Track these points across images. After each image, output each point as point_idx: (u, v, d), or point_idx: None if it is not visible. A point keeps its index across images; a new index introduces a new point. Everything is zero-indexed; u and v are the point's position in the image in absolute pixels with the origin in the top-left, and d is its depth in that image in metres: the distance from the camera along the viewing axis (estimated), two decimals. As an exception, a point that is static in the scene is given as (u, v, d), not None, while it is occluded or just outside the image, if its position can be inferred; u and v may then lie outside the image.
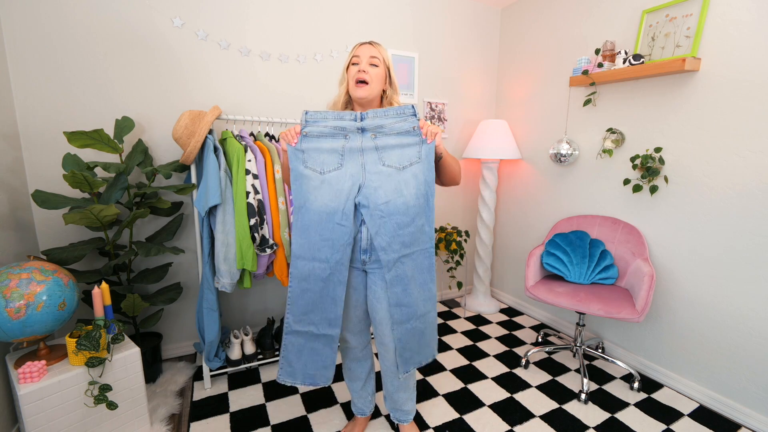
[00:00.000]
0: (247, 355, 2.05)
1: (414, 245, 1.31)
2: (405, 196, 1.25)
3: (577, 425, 1.73)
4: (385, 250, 1.27)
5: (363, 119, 1.26)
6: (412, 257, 1.31)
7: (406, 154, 1.27)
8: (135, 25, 1.92)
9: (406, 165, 1.26)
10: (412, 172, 1.27)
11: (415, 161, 1.27)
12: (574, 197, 2.47)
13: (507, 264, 3.07)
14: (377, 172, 1.26)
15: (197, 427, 1.70)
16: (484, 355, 2.31)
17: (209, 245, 1.83)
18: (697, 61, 1.78)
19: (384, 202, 1.25)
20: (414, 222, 1.28)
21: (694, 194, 1.87)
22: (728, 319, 1.78)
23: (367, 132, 1.27)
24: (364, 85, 1.30)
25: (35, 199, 1.59)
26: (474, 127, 2.97)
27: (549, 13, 2.55)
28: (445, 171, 1.38)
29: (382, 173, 1.26)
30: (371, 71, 1.30)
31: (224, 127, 2.12)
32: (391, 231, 1.26)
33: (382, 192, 1.25)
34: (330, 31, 2.39)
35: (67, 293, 1.44)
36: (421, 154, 1.28)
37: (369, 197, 1.25)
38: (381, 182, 1.25)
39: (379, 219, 1.25)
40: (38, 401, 1.34)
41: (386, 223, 1.26)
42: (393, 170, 1.26)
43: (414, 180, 1.27)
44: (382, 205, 1.25)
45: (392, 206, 1.25)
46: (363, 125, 1.26)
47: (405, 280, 1.31)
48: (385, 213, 1.25)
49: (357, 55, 1.31)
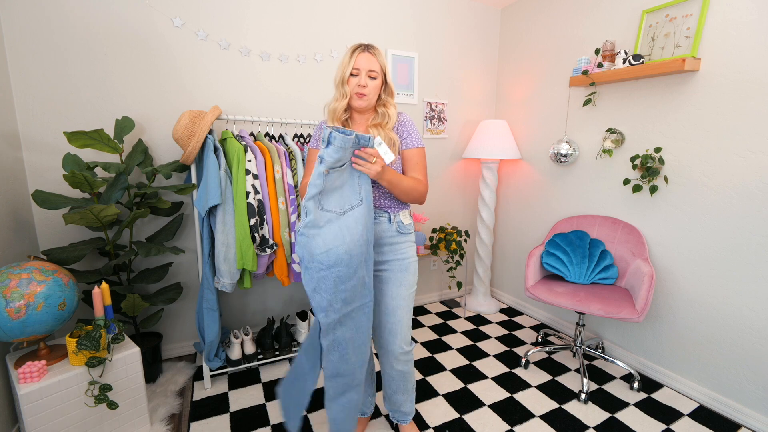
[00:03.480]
0: (247, 355, 2.05)
1: (354, 301, 1.21)
2: (347, 243, 1.16)
3: (577, 425, 1.73)
4: (326, 311, 1.18)
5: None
6: (351, 317, 1.22)
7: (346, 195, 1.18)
8: (135, 25, 1.92)
9: (347, 209, 1.19)
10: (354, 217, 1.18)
11: (356, 204, 1.19)
12: (574, 197, 2.47)
13: (507, 264, 3.07)
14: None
15: (197, 427, 1.70)
16: (484, 355, 2.31)
17: (209, 245, 1.83)
18: (697, 61, 1.78)
19: (323, 251, 1.15)
20: (356, 274, 1.18)
21: (694, 194, 1.87)
22: (728, 319, 1.78)
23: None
24: (363, 96, 1.33)
25: (35, 199, 1.59)
26: (474, 127, 2.97)
27: (549, 13, 2.55)
28: (394, 193, 1.32)
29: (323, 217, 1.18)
30: (370, 84, 1.33)
31: (224, 127, 2.12)
32: (331, 287, 1.16)
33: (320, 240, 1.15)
34: (330, 31, 2.39)
35: (67, 293, 1.44)
36: (362, 194, 1.19)
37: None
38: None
39: (317, 273, 1.16)
40: (38, 401, 1.34)
41: (326, 278, 1.16)
42: (333, 215, 1.18)
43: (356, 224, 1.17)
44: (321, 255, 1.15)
45: (332, 256, 1.14)
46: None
47: (343, 345, 1.22)
48: (324, 265, 1.15)
49: (357, 67, 1.31)
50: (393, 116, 1.38)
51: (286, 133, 2.13)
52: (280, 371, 2.12)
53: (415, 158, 1.38)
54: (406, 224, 1.41)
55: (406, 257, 1.41)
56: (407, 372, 1.50)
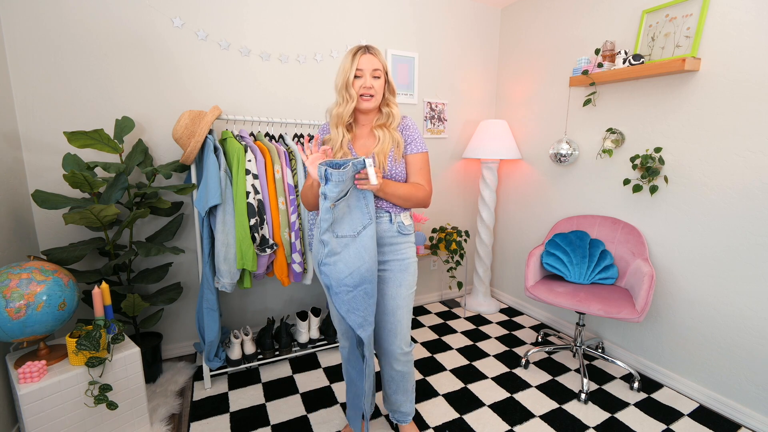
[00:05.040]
0: (247, 355, 2.05)
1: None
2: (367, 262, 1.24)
3: (577, 425, 1.73)
4: (362, 326, 1.26)
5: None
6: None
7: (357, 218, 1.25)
8: (135, 26, 1.92)
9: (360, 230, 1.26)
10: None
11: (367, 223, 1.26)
12: (574, 197, 2.47)
13: (507, 264, 3.07)
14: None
15: (197, 427, 1.70)
16: (484, 355, 2.31)
17: (209, 245, 1.83)
18: (697, 61, 1.78)
19: (347, 275, 1.23)
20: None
21: (694, 194, 1.87)
22: (728, 319, 1.78)
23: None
24: (370, 98, 1.33)
25: (35, 199, 1.59)
26: (474, 127, 2.97)
27: (549, 13, 2.55)
28: (394, 202, 1.35)
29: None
30: (375, 84, 1.32)
31: (224, 127, 2.12)
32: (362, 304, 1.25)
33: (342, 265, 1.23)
34: (330, 31, 2.39)
35: (67, 293, 1.44)
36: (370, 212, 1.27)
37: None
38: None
39: (346, 295, 1.24)
40: (38, 401, 1.34)
41: (355, 297, 1.25)
42: (348, 239, 1.25)
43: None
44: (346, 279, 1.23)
45: (357, 276, 1.23)
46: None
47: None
48: (351, 286, 1.23)
49: (360, 69, 1.30)
50: (397, 115, 1.38)
51: (286, 133, 2.13)
52: (280, 371, 2.12)
53: (419, 163, 1.39)
54: (407, 225, 1.42)
55: (405, 257, 1.41)
56: (407, 372, 1.51)
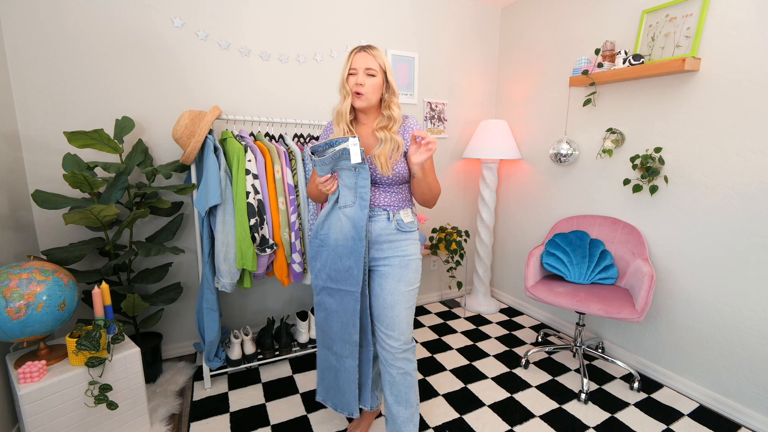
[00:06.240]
0: (247, 355, 2.05)
1: (340, 283, 1.41)
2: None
3: (577, 425, 1.73)
4: (316, 276, 1.52)
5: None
6: (338, 294, 1.43)
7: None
8: (135, 25, 1.92)
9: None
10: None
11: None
12: (574, 197, 2.47)
13: (507, 264, 3.07)
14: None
15: (197, 427, 1.70)
16: (484, 355, 2.31)
17: (209, 245, 1.83)
18: (697, 61, 1.78)
19: (325, 232, 1.46)
20: (341, 261, 1.40)
21: (694, 194, 1.87)
22: (728, 319, 1.78)
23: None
24: (360, 95, 1.33)
25: (35, 199, 1.59)
26: (474, 127, 2.97)
27: (549, 13, 2.55)
28: (416, 191, 1.42)
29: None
30: (367, 82, 1.32)
31: (224, 127, 2.12)
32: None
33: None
34: (330, 31, 2.39)
35: (67, 293, 1.44)
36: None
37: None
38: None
39: (316, 245, 1.49)
40: (38, 401, 1.34)
41: (320, 252, 1.48)
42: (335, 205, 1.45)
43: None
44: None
45: (325, 238, 1.44)
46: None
47: (328, 310, 1.49)
48: (320, 241, 1.46)
49: (354, 67, 1.32)
50: (398, 118, 1.38)
51: (286, 133, 2.13)
52: (280, 371, 2.12)
53: (426, 164, 1.39)
54: (407, 222, 1.41)
55: (407, 254, 1.41)
56: (408, 373, 1.44)
